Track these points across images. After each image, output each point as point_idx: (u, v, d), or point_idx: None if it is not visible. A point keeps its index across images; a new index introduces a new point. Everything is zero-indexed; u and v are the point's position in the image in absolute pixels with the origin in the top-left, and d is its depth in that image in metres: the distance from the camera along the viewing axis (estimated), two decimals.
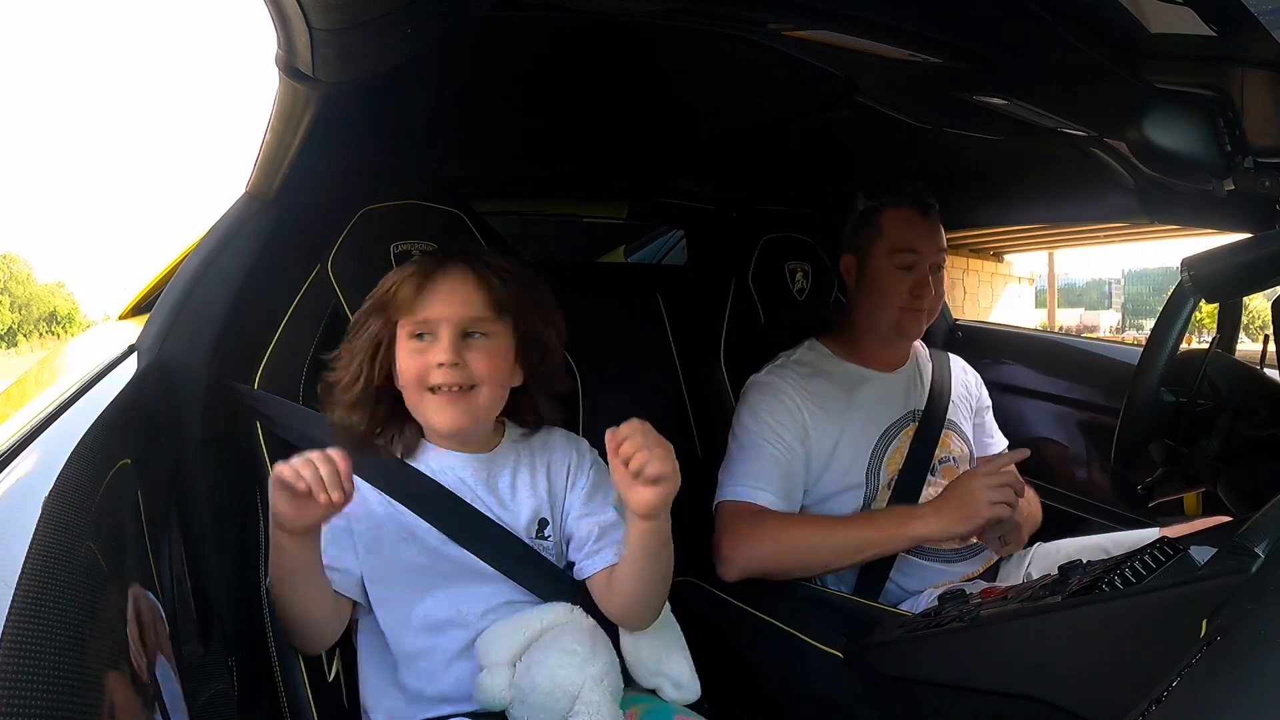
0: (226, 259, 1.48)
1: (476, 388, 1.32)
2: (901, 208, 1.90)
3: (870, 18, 1.14)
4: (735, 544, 1.70)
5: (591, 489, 1.45)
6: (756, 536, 1.70)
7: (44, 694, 0.56)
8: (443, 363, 1.28)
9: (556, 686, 1.21)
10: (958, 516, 1.58)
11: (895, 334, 1.95)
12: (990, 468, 1.61)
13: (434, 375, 1.29)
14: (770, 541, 1.69)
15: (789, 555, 1.68)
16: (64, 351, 2.39)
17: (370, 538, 1.34)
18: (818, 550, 1.67)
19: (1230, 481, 1.41)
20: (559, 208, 2.68)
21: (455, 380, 1.29)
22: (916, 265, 1.87)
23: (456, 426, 1.33)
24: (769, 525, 1.72)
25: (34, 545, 0.69)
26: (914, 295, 1.88)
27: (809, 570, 1.71)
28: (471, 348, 1.31)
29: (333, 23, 0.90)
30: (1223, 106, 1.11)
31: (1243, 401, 1.38)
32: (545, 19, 1.28)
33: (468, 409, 1.32)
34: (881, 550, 1.67)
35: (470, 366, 1.30)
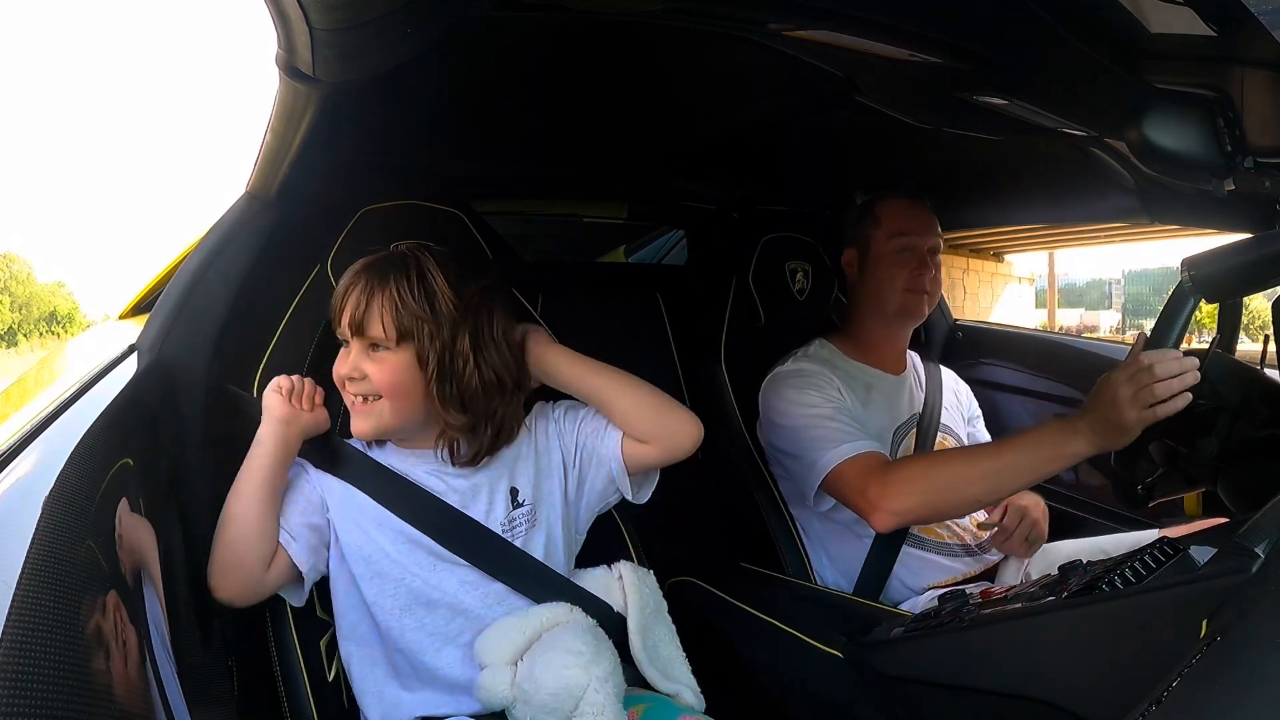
0: (227, 259, 1.48)
1: (381, 398, 1.34)
2: (898, 198, 1.99)
3: (870, 18, 1.14)
4: (884, 491, 1.63)
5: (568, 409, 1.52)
6: (904, 481, 1.63)
7: (44, 693, 0.56)
8: (341, 374, 1.36)
9: (563, 687, 1.21)
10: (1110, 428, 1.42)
11: (902, 316, 1.99)
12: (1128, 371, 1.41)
13: (345, 384, 1.36)
14: (921, 483, 1.62)
15: (949, 489, 1.60)
16: (64, 351, 2.39)
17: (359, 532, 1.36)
18: (973, 480, 1.57)
19: (1230, 481, 1.41)
20: (559, 207, 2.68)
21: (358, 390, 1.35)
22: (915, 248, 1.94)
23: (361, 434, 1.38)
24: (915, 467, 1.68)
25: (34, 544, 0.69)
26: (915, 276, 1.94)
27: (966, 505, 1.66)
28: (373, 359, 1.33)
29: (333, 22, 0.90)
30: (1223, 106, 1.11)
31: (1243, 401, 1.38)
32: (545, 19, 1.28)
33: (368, 417, 1.36)
34: (1041, 475, 1.54)
35: (372, 379, 1.33)
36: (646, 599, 1.47)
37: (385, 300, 1.31)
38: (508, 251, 1.80)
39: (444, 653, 1.34)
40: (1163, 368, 1.35)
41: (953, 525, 1.88)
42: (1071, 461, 1.48)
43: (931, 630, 1.36)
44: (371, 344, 1.33)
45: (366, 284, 1.32)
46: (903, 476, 1.63)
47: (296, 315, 1.52)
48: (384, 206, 1.60)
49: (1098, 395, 1.43)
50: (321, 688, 1.35)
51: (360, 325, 1.31)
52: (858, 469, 1.70)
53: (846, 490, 1.71)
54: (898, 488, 1.62)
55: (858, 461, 1.71)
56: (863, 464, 1.70)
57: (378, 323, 1.31)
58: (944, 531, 1.86)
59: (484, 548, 1.37)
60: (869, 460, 1.71)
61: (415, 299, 1.32)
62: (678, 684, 1.41)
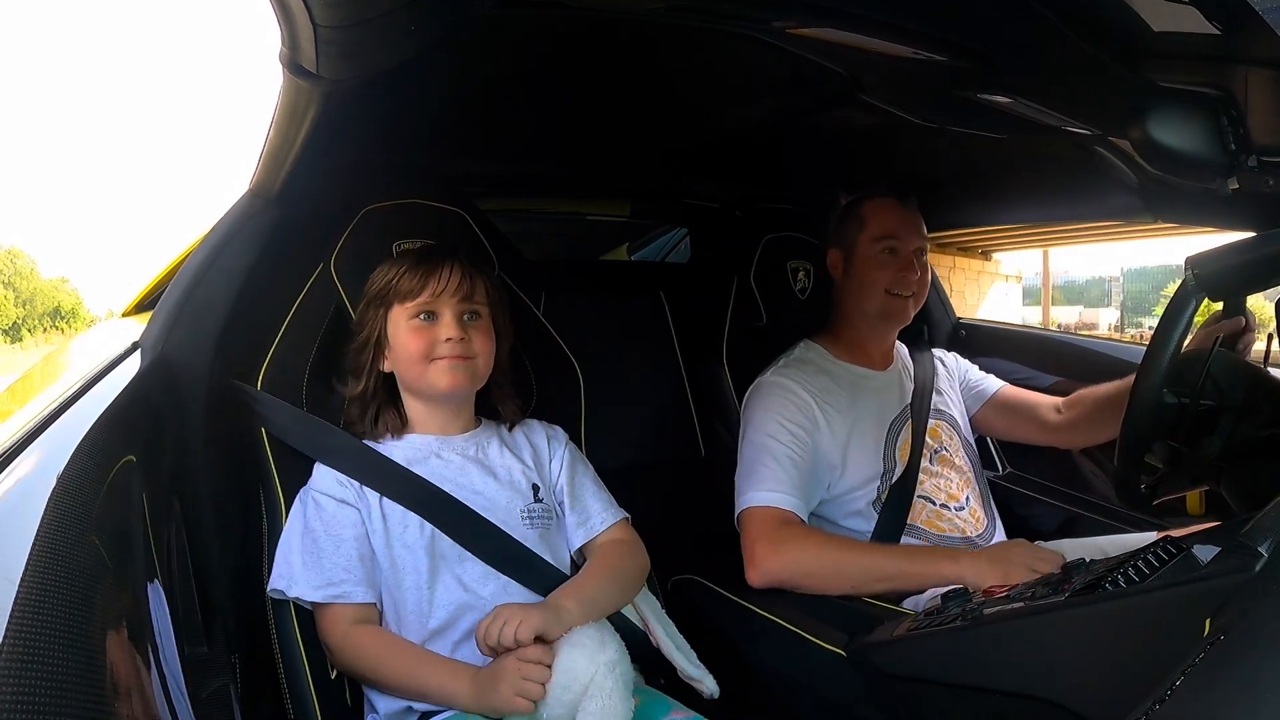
0: (230, 256, 1.48)
1: (474, 359, 1.47)
2: (881, 198, 2.00)
3: (874, 16, 1.14)
4: (770, 552, 1.70)
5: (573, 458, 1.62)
6: (794, 548, 1.70)
7: (48, 689, 0.56)
8: (450, 337, 1.44)
9: (571, 677, 1.23)
10: (995, 569, 1.55)
11: (883, 319, 2.01)
12: (1038, 553, 1.58)
13: (441, 349, 1.44)
14: (809, 555, 1.69)
15: (823, 572, 1.67)
16: (68, 348, 2.39)
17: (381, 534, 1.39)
18: (849, 573, 1.66)
19: (1233, 481, 1.40)
20: (562, 206, 2.67)
21: (460, 352, 1.44)
22: (900, 250, 1.95)
23: (458, 386, 1.47)
24: (808, 540, 1.73)
25: (38, 540, 0.69)
26: (899, 280, 1.95)
27: (835, 589, 1.68)
28: (470, 326, 1.47)
29: (337, 20, 0.90)
30: (1227, 105, 1.11)
31: (1246, 401, 1.37)
32: (548, 17, 1.28)
33: (468, 372, 1.47)
34: (910, 585, 1.65)
35: (471, 341, 1.46)
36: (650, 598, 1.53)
37: (473, 272, 1.48)
38: (511, 249, 1.80)
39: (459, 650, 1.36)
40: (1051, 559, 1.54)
41: (953, 518, 1.88)
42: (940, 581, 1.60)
43: (934, 629, 1.36)
44: (470, 312, 1.47)
45: (448, 260, 1.47)
46: (792, 544, 1.71)
47: (300, 313, 1.53)
48: (386, 205, 1.60)
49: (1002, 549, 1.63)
50: (324, 684, 1.34)
51: (468, 294, 1.46)
52: (761, 518, 1.76)
53: (745, 535, 1.78)
54: (787, 554, 1.70)
55: (766, 511, 1.76)
56: (767, 516, 1.76)
57: (480, 291, 1.49)
58: (944, 525, 1.87)
59: (494, 544, 1.41)
60: (773, 515, 1.76)
61: (488, 277, 1.52)
62: (700, 669, 1.47)
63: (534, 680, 1.22)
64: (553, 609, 1.31)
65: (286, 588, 1.34)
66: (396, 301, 1.46)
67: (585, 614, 1.34)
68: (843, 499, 1.86)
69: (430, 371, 1.44)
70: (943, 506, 1.89)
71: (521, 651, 1.25)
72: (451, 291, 1.44)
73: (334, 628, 1.34)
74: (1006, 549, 1.61)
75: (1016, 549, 1.60)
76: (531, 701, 1.22)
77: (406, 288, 1.45)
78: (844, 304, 2.05)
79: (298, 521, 1.39)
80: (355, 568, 1.36)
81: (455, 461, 1.48)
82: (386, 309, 1.46)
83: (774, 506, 1.75)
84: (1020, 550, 1.59)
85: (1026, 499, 2.25)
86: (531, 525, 1.46)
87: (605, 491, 1.62)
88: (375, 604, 1.37)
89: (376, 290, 1.48)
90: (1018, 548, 1.61)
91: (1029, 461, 2.35)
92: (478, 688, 1.26)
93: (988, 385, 2.20)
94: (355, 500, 1.40)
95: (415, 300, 1.44)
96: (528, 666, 1.23)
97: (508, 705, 1.23)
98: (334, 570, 1.34)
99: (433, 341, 1.43)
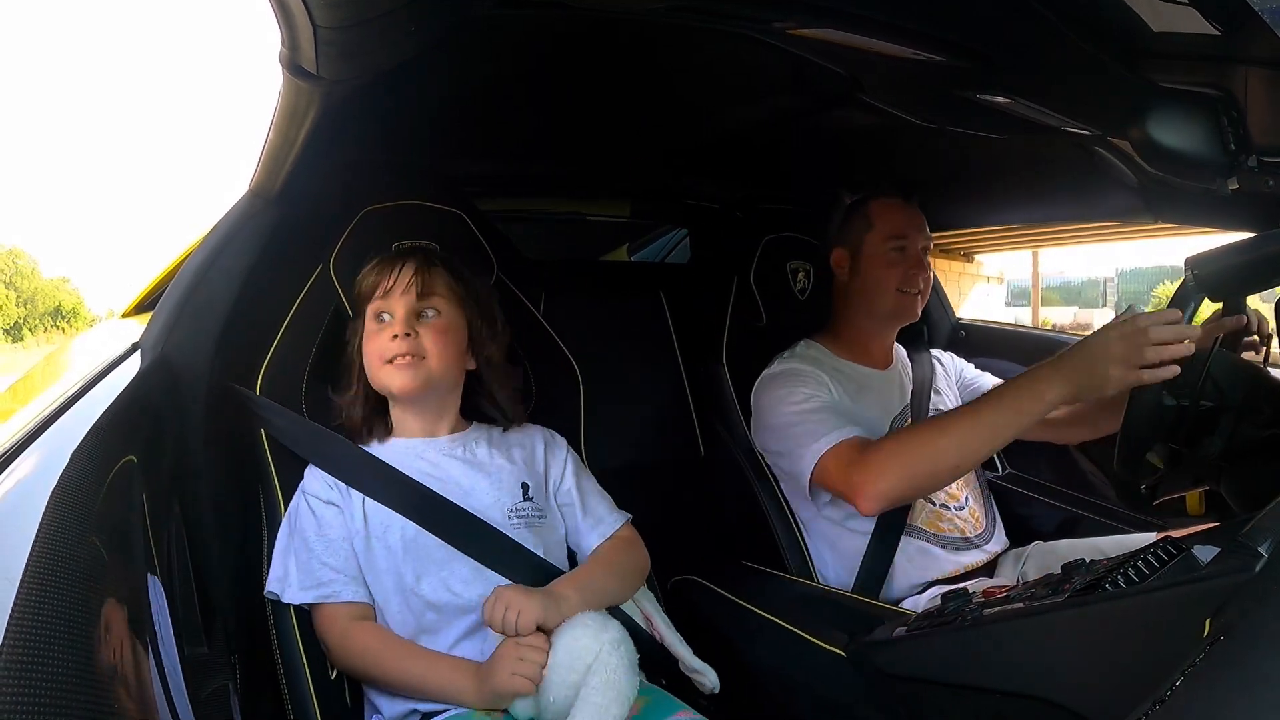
0: (230, 257, 1.48)
1: (425, 358, 1.43)
2: (888, 197, 2.00)
3: (873, 16, 1.14)
4: (869, 475, 1.63)
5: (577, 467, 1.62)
6: (886, 458, 1.63)
7: (48, 688, 0.57)
8: (396, 334, 1.42)
9: (575, 657, 1.24)
10: (1091, 379, 1.41)
11: (893, 317, 2.02)
12: (1122, 328, 1.38)
13: (389, 348, 1.43)
14: (905, 456, 1.62)
15: (922, 464, 1.60)
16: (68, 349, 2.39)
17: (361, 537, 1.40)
18: (948, 450, 1.57)
19: (1233, 481, 1.40)
20: (562, 206, 2.67)
21: (407, 349, 1.42)
22: (908, 249, 1.96)
23: (409, 388, 1.44)
24: (895, 445, 1.66)
25: (38, 541, 0.69)
26: (909, 277, 1.95)
27: (945, 475, 1.67)
28: (422, 325, 1.45)
29: (337, 20, 0.90)
30: (1226, 105, 1.11)
31: (1246, 401, 1.37)
32: (547, 17, 1.28)
33: (417, 374, 1.43)
34: (1017, 428, 1.53)
35: (421, 340, 1.43)
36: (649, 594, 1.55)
37: (430, 270, 1.47)
38: (510, 250, 1.80)
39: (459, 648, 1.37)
40: (1157, 332, 1.34)
41: (952, 518, 1.88)
42: (1045, 411, 1.49)
43: (934, 629, 1.36)
44: (420, 312, 1.45)
45: (407, 259, 1.47)
46: (879, 457, 1.64)
47: (299, 314, 1.53)
48: (386, 207, 1.60)
49: (1084, 345, 1.43)
50: (324, 684, 1.35)
51: (421, 290, 1.45)
52: (838, 458, 1.71)
53: (832, 482, 1.73)
54: (876, 469, 1.62)
55: (837, 451, 1.72)
56: (842, 452, 1.71)
57: (428, 286, 1.46)
58: (944, 524, 1.87)
59: (485, 541, 1.41)
60: (848, 447, 1.71)
61: (456, 272, 1.50)
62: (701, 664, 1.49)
63: (530, 660, 1.24)
64: (553, 597, 1.33)
65: (280, 590, 1.35)
66: (364, 305, 1.47)
67: (585, 602, 1.35)
68: (837, 499, 1.85)
69: (383, 373, 1.44)
70: (942, 506, 1.89)
71: (518, 638, 1.26)
72: (402, 289, 1.44)
73: (331, 627, 1.34)
74: (1086, 348, 1.43)
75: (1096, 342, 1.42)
76: (531, 682, 1.23)
77: (366, 290, 1.47)
78: (850, 303, 2.05)
79: (291, 524, 1.40)
80: (346, 567, 1.37)
81: (439, 461, 1.48)
82: (362, 313, 1.48)
83: (840, 443, 1.72)
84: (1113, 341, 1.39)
85: (1026, 499, 2.25)
86: (519, 524, 1.46)
87: (606, 495, 1.62)
88: (369, 603, 1.38)
89: (355, 295, 1.50)
90: (1104, 339, 1.41)
91: (1029, 461, 2.35)
92: (479, 679, 1.28)
93: (983, 382, 2.19)
94: (340, 501, 1.41)
95: (373, 302, 1.46)
96: (524, 648, 1.25)
97: (507, 686, 1.24)
98: (322, 570, 1.35)
99: (385, 339, 1.43)
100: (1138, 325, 1.36)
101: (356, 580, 1.37)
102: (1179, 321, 1.36)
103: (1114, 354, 1.37)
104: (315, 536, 1.37)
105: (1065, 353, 1.45)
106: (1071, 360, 1.44)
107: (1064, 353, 1.46)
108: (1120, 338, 1.37)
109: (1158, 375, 1.34)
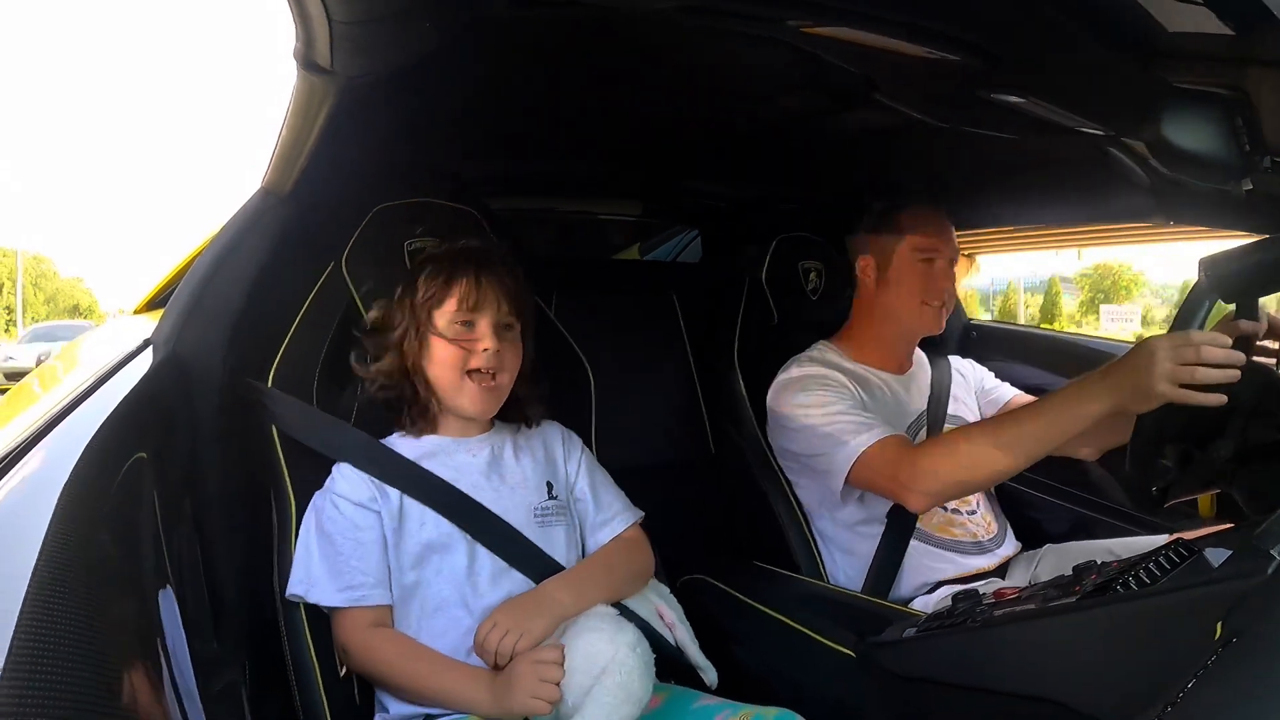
0: (242, 254, 1.49)
1: (500, 377, 1.45)
2: (920, 206, 1.97)
3: (887, 15, 1.14)
4: (916, 473, 1.64)
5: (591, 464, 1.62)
6: (934, 461, 1.64)
7: (60, 686, 0.57)
8: (486, 347, 1.42)
9: (591, 662, 1.24)
10: (1136, 391, 1.37)
11: (915, 329, 2.01)
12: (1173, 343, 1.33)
13: (475, 360, 1.42)
14: (950, 461, 1.62)
15: (974, 469, 1.60)
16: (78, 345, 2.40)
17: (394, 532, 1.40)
18: (998, 455, 1.57)
19: (1245, 484, 1.40)
20: (573, 205, 2.68)
21: (493, 365, 1.43)
22: (937, 261, 1.93)
23: (485, 412, 1.48)
24: (938, 448, 1.68)
25: (49, 536, 0.69)
26: (934, 290, 1.93)
27: (994, 478, 1.73)
28: (504, 339, 1.45)
29: (353, 16, 0.91)
30: (1241, 106, 1.10)
31: (1258, 403, 1.37)
32: (561, 16, 1.28)
33: (495, 396, 1.47)
34: (1064, 436, 1.53)
35: (504, 356, 1.44)
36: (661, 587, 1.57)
37: (513, 283, 1.47)
38: (522, 249, 1.80)
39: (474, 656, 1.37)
40: (1208, 352, 1.30)
41: (964, 522, 1.88)
42: (1090, 421, 1.47)
43: (944, 630, 1.35)
44: (506, 324, 1.46)
45: (489, 269, 1.45)
46: (932, 457, 1.64)
47: (311, 311, 1.53)
48: (398, 204, 1.60)
49: (1133, 356, 1.39)
50: (333, 682, 1.35)
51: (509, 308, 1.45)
52: (885, 453, 1.70)
53: (875, 476, 1.72)
54: (928, 468, 1.63)
55: (883, 446, 1.71)
56: (889, 448, 1.71)
57: (511, 301, 1.46)
58: (956, 530, 1.86)
59: (511, 543, 1.42)
60: (894, 443, 1.71)
61: (522, 285, 1.50)
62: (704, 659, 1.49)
63: (549, 680, 1.23)
64: (545, 604, 1.34)
65: (305, 592, 1.34)
66: (437, 308, 1.44)
67: (576, 601, 1.36)
68: (854, 500, 1.86)
69: (461, 389, 1.44)
70: (954, 512, 1.88)
71: (535, 653, 1.26)
72: (493, 301, 1.43)
73: (353, 632, 1.34)
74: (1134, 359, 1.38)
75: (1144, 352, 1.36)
76: (549, 704, 1.23)
77: (448, 293, 1.43)
78: (872, 311, 2.02)
79: (315, 524, 1.39)
80: (374, 570, 1.36)
81: (465, 460, 1.48)
82: (428, 314, 1.44)
83: (879, 441, 1.72)
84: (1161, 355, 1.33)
85: (1038, 502, 2.24)
86: (544, 523, 1.47)
87: (620, 492, 1.62)
88: (391, 606, 1.38)
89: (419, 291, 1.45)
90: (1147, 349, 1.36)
91: (1040, 464, 2.34)
92: (494, 693, 1.27)
93: (1002, 393, 2.17)
94: (375, 502, 1.40)
95: (453, 309, 1.43)
96: (542, 667, 1.24)
97: (524, 707, 1.24)
98: (353, 573, 1.35)
99: (468, 350, 1.42)
100: (1191, 340, 1.32)
101: (383, 584, 1.37)
102: (1229, 347, 1.33)
103: (1163, 371, 1.32)
104: (343, 539, 1.36)
105: (1113, 364, 1.43)
106: (1119, 373, 1.41)
107: (1111, 364, 1.43)
108: (1170, 352, 1.33)
109: (1207, 399, 1.30)
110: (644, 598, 1.49)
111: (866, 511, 1.85)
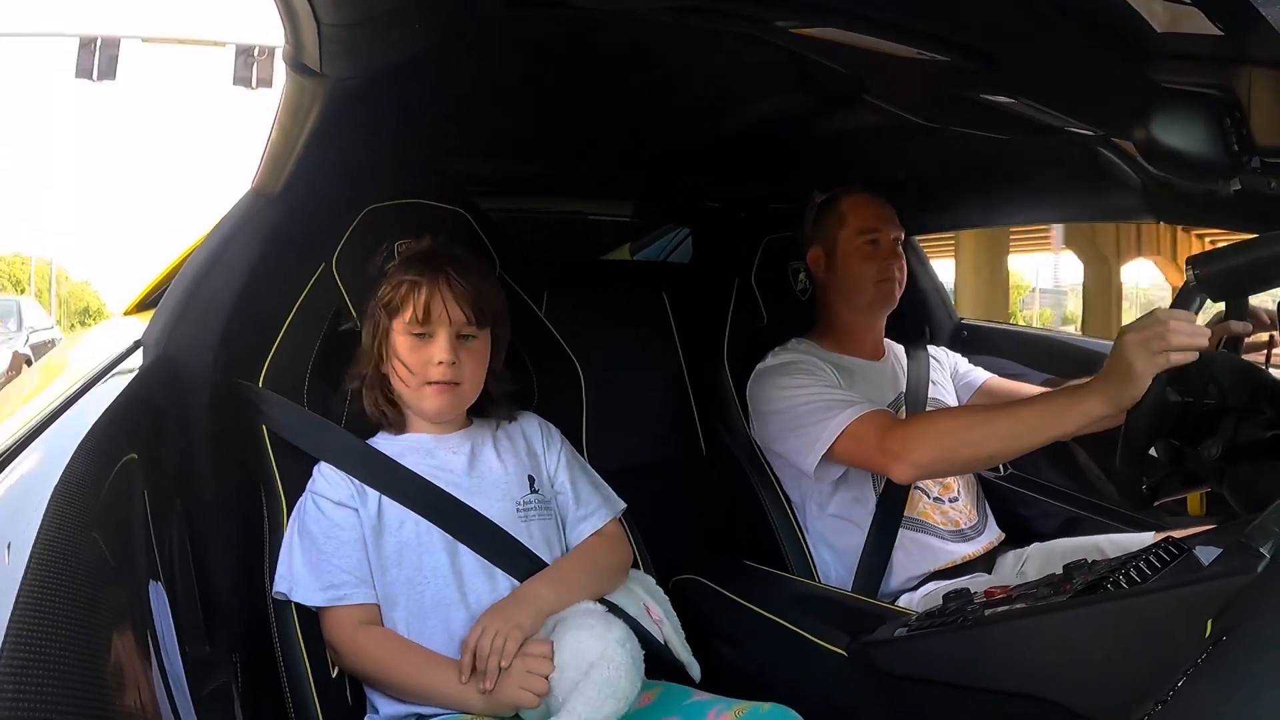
0: (233, 254, 1.48)
1: (462, 385, 1.46)
2: (857, 194, 2.05)
3: (876, 15, 1.14)
4: (905, 443, 1.65)
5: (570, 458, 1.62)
6: (926, 434, 1.66)
7: (50, 686, 0.57)
8: (442, 360, 1.42)
9: (580, 658, 1.24)
10: (1120, 378, 1.37)
11: (875, 308, 2.05)
12: (1138, 322, 1.37)
13: (433, 371, 1.43)
14: (942, 437, 1.64)
15: (963, 448, 1.62)
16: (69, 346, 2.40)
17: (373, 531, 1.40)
18: (989, 440, 1.59)
19: (1235, 482, 1.40)
20: (564, 205, 2.68)
21: (450, 377, 1.43)
22: (881, 241, 1.99)
23: (444, 413, 1.48)
24: (929, 421, 1.73)
25: (40, 537, 0.69)
26: (885, 267, 1.99)
27: (980, 462, 1.78)
28: (464, 348, 1.45)
29: (341, 18, 0.91)
30: (1230, 106, 1.11)
31: (1248, 401, 1.37)
32: (552, 16, 1.28)
33: (454, 400, 1.47)
34: (1056, 433, 1.54)
35: (463, 366, 1.45)
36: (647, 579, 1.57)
37: (474, 291, 1.45)
38: (512, 249, 1.80)
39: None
40: (1176, 324, 1.32)
41: (947, 510, 1.91)
42: (1086, 419, 1.47)
43: (935, 629, 1.36)
44: (460, 333, 1.44)
45: (447, 276, 1.44)
46: (924, 430, 1.67)
47: (302, 311, 1.53)
48: (388, 205, 1.60)
49: (1112, 351, 1.41)
50: (325, 682, 1.35)
51: (467, 317, 1.44)
52: (874, 425, 1.72)
53: (863, 447, 1.73)
54: (919, 440, 1.64)
55: (871, 417, 1.73)
56: (877, 420, 1.73)
57: (471, 310, 1.44)
58: (939, 517, 1.89)
59: (493, 540, 1.42)
60: (882, 415, 1.75)
61: (490, 286, 1.50)
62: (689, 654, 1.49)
63: (538, 673, 1.24)
64: (529, 602, 1.35)
65: (289, 591, 1.35)
66: (395, 315, 1.44)
67: (558, 597, 1.36)
68: (841, 489, 1.88)
69: (422, 394, 1.45)
70: (936, 500, 1.91)
71: (524, 647, 1.27)
72: (449, 313, 1.43)
73: (341, 630, 1.35)
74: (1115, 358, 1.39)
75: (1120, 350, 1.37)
76: (538, 696, 1.24)
77: (400, 301, 1.44)
78: (832, 299, 2.07)
79: (298, 524, 1.39)
80: (356, 569, 1.37)
81: (446, 458, 1.48)
82: (388, 318, 1.45)
83: (867, 413, 1.74)
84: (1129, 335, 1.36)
85: (1027, 499, 2.24)
86: (526, 518, 1.47)
87: (603, 484, 1.63)
88: (377, 604, 1.38)
89: (383, 294, 1.46)
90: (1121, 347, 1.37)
91: (1029, 461, 2.34)
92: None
93: (976, 376, 2.21)
94: (353, 500, 1.40)
95: (410, 320, 1.43)
96: (530, 660, 1.25)
97: (514, 700, 1.25)
98: (334, 572, 1.35)
99: (426, 361, 1.43)
100: (1156, 317, 1.35)
101: (366, 582, 1.37)
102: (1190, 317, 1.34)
103: (1132, 343, 1.34)
104: (325, 538, 1.37)
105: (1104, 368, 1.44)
106: (1106, 371, 1.42)
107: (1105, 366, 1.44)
108: (1137, 329, 1.36)
109: (1180, 359, 1.31)
110: (632, 594, 1.49)
111: (853, 499, 1.87)
